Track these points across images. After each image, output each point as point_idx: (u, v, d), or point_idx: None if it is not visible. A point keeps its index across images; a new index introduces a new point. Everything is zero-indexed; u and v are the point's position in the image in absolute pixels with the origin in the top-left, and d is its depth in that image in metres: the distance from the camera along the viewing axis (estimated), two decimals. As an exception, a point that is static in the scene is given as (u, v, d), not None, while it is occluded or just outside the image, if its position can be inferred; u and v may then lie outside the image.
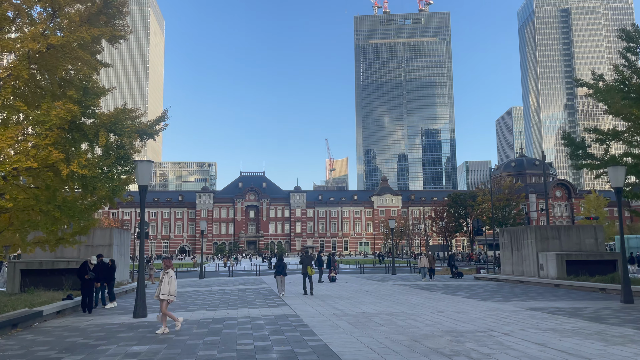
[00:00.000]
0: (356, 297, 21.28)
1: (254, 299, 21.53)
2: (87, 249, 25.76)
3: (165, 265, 13.30)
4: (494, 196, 72.06)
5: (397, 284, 30.12)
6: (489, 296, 21.19)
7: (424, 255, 33.40)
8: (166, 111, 17.34)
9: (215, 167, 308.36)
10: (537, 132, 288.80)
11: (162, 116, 17.13)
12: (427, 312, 15.57)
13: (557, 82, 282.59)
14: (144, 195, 15.61)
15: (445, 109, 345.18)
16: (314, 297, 21.61)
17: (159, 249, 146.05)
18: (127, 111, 15.72)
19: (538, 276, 28.79)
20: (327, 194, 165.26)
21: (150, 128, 16.84)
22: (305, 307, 17.99)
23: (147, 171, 15.46)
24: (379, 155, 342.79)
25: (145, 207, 15.91)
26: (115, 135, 14.90)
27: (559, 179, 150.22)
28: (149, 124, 16.95)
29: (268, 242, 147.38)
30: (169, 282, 13.03)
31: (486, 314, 14.87)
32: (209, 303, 20.14)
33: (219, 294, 24.47)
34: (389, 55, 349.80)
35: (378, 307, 17.52)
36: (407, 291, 24.32)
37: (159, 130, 17.59)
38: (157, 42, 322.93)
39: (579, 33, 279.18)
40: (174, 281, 13.15)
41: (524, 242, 30.28)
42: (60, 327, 14.37)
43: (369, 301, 19.60)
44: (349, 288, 26.94)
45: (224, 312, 16.74)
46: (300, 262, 26.65)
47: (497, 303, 18.21)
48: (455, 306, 17.32)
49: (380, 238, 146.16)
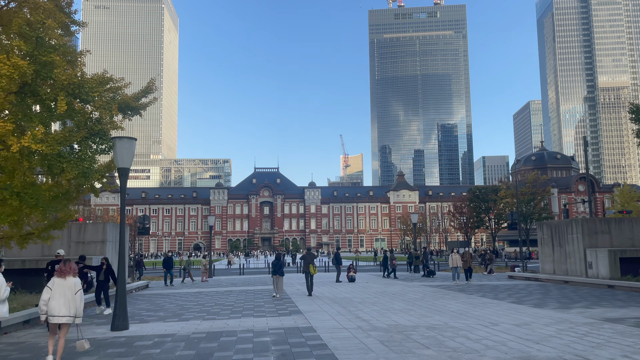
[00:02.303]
0: (382, 302, 18.17)
1: (262, 304, 18.54)
2: (78, 246, 22.96)
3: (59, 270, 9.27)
4: (518, 190, 68.47)
5: (424, 284, 26.95)
6: (540, 301, 17.92)
7: (456, 253, 28.09)
8: (153, 81, 14.39)
9: (230, 163, 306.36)
10: (557, 126, 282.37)
11: (148, 87, 14.16)
12: (477, 325, 12.40)
13: (577, 74, 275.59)
14: (124, 181, 12.60)
15: (461, 103, 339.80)
16: (333, 303, 18.40)
17: (174, 246, 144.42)
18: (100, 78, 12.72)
19: (586, 275, 25.43)
20: (342, 189, 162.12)
21: (136, 101, 13.87)
22: (323, 315, 14.93)
23: (127, 151, 12.44)
24: (395, 151, 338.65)
25: (125, 195, 12.89)
26: (83, 103, 11.89)
27: (581, 173, 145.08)
28: (134, 96, 13.97)
29: (283, 239, 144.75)
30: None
31: (557, 329, 11.63)
32: (209, 309, 17.19)
33: (223, 297, 21.51)
34: (404, 50, 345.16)
35: (412, 316, 14.39)
36: (440, 294, 21.12)
37: (147, 105, 14.61)
38: (171, 39, 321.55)
39: (600, 24, 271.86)
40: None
41: (568, 237, 26.87)
42: (14, 344, 11.46)
43: (399, 308, 16.48)
44: (372, 290, 23.80)
45: (223, 323, 13.73)
46: (301, 259, 23.69)
47: (558, 311, 14.93)
48: (508, 316, 14.09)
49: (397, 234, 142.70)
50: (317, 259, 28.10)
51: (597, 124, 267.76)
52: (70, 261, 9.46)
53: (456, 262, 27.47)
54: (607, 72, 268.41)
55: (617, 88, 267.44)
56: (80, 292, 9.14)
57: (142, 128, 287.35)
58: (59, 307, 8.86)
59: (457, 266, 27.39)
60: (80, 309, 9.07)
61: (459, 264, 27.42)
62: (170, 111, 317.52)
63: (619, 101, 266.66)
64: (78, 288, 9.11)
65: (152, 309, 17.56)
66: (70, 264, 9.27)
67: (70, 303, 8.94)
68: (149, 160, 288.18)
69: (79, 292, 9.11)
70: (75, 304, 8.98)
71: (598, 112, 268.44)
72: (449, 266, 28.66)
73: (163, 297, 22.47)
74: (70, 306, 8.93)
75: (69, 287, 9.02)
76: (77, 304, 9.00)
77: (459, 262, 27.46)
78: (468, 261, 27.73)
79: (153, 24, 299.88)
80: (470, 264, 27.98)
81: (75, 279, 9.17)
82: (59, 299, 8.90)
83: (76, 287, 9.08)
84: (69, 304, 8.93)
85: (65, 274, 9.09)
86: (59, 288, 8.97)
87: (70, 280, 9.08)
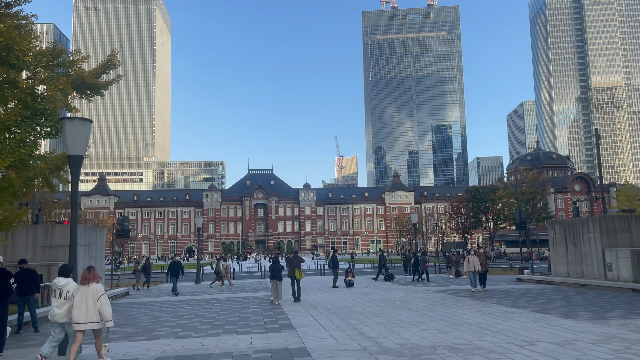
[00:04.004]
0: (387, 312, 15.91)
1: (248, 315, 16.25)
2: (45, 250, 20.61)
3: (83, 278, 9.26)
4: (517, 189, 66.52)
5: (428, 289, 24.72)
6: (567, 309, 15.67)
7: (473, 255, 23.78)
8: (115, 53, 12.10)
9: (224, 166, 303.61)
10: (550, 127, 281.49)
11: (109, 61, 11.93)
12: (509, 345, 10.11)
13: (570, 74, 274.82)
14: (76, 171, 10.20)
15: (455, 104, 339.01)
16: (330, 314, 16.07)
17: (166, 250, 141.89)
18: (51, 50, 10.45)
19: (605, 278, 23.30)
20: (337, 191, 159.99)
21: (94, 78, 11.59)
22: (319, 331, 12.63)
23: (80, 135, 10.06)
24: (389, 153, 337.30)
25: (77, 190, 10.49)
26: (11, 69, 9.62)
27: (577, 173, 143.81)
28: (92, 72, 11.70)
29: (277, 241, 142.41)
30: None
31: (610, 349, 9.30)
32: (186, 323, 14.85)
33: (207, 307, 19.15)
34: (397, 51, 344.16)
35: (426, 331, 12.11)
36: (450, 301, 18.87)
37: (109, 84, 12.34)
38: (163, 40, 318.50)
39: (593, 24, 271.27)
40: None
41: (584, 237, 24.72)
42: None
43: (407, 319, 14.21)
44: (373, 296, 21.52)
45: (198, 343, 11.41)
46: (287, 264, 21.57)
47: (596, 323, 12.59)
48: (541, 330, 11.81)
49: (393, 235, 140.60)
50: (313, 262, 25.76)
51: (591, 124, 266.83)
52: (94, 268, 9.56)
53: (473, 266, 23.40)
54: (601, 73, 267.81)
55: (610, 88, 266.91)
56: (103, 296, 9.29)
57: (134, 130, 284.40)
58: (82, 314, 9.04)
59: (475, 270, 23.40)
60: (107, 312, 9.23)
61: (477, 268, 23.40)
62: (163, 113, 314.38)
63: (612, 101, 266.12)
64: (100, 293, 9.27)
65: (120, 323, 15.19)
66: (94, 271, 9.43)
67: (92, 309, 9.08)
68: (142, 163, 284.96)
69: (102, 296, 9.26)
70: (99, 309, 9.14)
71: (591, 113, 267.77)
72: (464, 270, 24.60)
73: (140, 307, 20.14)
74: (92, 312, 9.08)
75: (91, 294, 9.16)
76: (102, 308, 9.16)
77: (477, 266, 23.40)
78: (484, 264, 23.90)
79: (145, 26, 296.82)
80: (487, 267, 24.21)
81: (98, 285, 9.34)
82: (81, 306, 9.07)
83: (98, 293, 9.24)
84: (92, 310, 9.08)
85: (88, 281, 9.23)
86: (82, 296, 9.14)
87: (94, 286, 9.24)
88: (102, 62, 11.87)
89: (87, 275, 9.27)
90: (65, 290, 9.36)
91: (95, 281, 9.27)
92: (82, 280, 9.29)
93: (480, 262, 23.56)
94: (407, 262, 37.38)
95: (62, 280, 9.55)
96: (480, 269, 23.47)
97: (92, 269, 9.43)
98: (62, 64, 11.03)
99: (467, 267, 23.67)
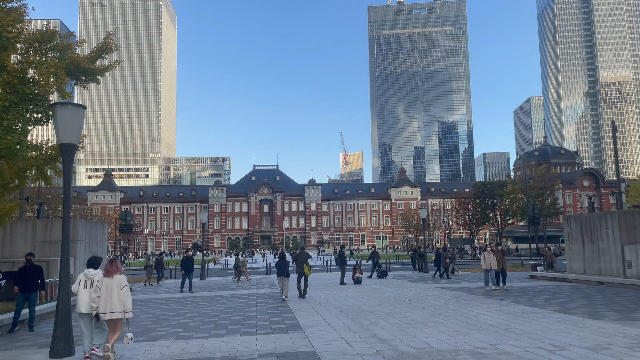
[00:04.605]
0: (399, 312, 15.09)
1: (253, 314, 15.50)
2: (44, 245, 19.94)
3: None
4: (526, 184, 65.66)
5: (440, 286, 23.94)
6: (591, 309, 14.83)
7: (490, 252, 22.05)
8: (111, 35, 11.33)
9: (230, 162, 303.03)
10: (557, 122, 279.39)
11: (105, 45, 11.17)
12: (538, 350, 9.24)
13: (578, 69, 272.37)
14: (68, 161, 9.41)
15: (461, 100, 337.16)
16: (339, 313, 15.30)
17: (172, 245, 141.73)
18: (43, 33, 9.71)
19: (624, 275, 22.43)
20: (342, 186, 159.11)
21: (90, 63, 10.85)
22: (329, 332, 11.85)
23: (72, 121, 9.28)
24: (395, 149, 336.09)
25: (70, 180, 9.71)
26: (3, 52, 8.89)
27: (586, 168, 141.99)
28: (88, 57, 10.95)
29: (283, 237, 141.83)
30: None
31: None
32: (188, 323, 14.11)
33: (210, 305, 18.45)
34: (403, 46, 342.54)
35: (444, 333, 11.28)
36: (464, 299, 18.06)
37: (105, 69, 11.59)
38: (169, 36, 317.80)
39: (601, 18, 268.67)
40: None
41: (602, 233, 23.84)
42: None
43: (421, 319, 13.41)
44: (383, 294, 20.73)
45: (199, 345, 10.65)
46: (294, 260, 20.75)
47: (626, 324, 11.75)
48: (569, 333, 10.92)
49: (399, 231, 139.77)
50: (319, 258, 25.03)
51: (599, 120, 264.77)
52: (116, 260, 9.88)
53: (490, 263, 21.79)
54: (609, 67, 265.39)
55: (618, 83, 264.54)
56: (125, 287, 9.65)
57: (140, 126, 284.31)
58: (108, 304, 9.43)
59: (491, 268, 21.81)
60: (128, 303, 9.60)
61: (494, 266, 21.80)
62: (169, 109, 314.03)
63: (620, 96, 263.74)
64: (123, 284, 9.64)
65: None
66: (116, 263, 9.77)
67: (116, 300, 9.46)
68: (148, 158, 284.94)
69: (124, 288, 9.63)
70: (122, 299, 9.50)
71: (600, 108, 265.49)
72: (482, 267, 22.58)
73: (142, 304, 19.44)
74: (116, 303, 9.45)
75: (115, 285, 9.56)
76: (124, 299, 9.54)
77: (494, 263, 21.81)
78: (502, 261, 22.16)
79: (151, 21, 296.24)
80: (504, 265, 22.35)
81: (121, 277, 9.72)
82: (106, 297, 9.47)
83: (121, 284, 9.62)
84: (116, 300, 9.45)
85: (112, 273, 9.60)
86: (107, 287, 9.53)
87: (117, 278, 9.63)
88: (97, 45, 11.12)
89: (110, 268, 9.65)
90: (95, 280, 9.80)
91: (118, 273, 9.68)
92: (105, 273, 9.68)
93: (498, 259, 22.07)
94: (415, 258, 36.60)
95: (92, 271, 9.97)
96: (497, 267, 21.93)
97: (115, 261, 9.81)
98: (55, 47, 10.29)
99: (484, 264, 22.02)
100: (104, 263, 11.36)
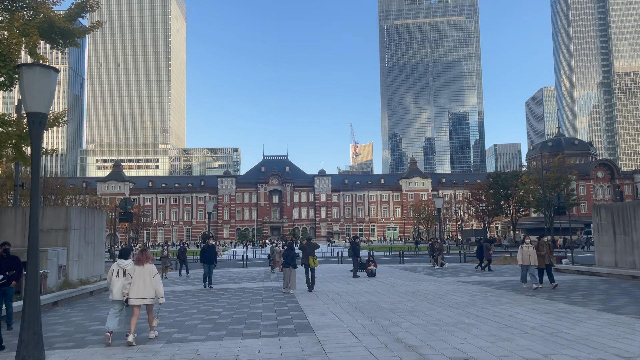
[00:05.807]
0: (422, 310, 13.58)
1: (259, 312, 14.06)
2: (38, 235, 18.76)
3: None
4: (540, 175, 63.86)
5: (459, 280, 22.50)
6: (638, 308, 13.27)
7: (528, 244, 18.65)
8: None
9: (239, 152, 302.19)
10: (570, 113, 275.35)
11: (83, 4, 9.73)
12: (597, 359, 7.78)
13: (592, 59, 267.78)
14: (36, 133, 7.81)
15: (473, 90, 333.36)
16: (354, 310, 13.79)
17: (181, 236, 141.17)
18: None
19: (658, 269, 20.89)
20: (352, 177, 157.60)
21: (66, 22, 9.47)
22: (344, 335, 10.30)
23: (42, 87, 7.64)
24: (405, 140, 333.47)
25: (40, 155, 8.30)
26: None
27: (601, 159, 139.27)
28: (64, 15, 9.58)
29: (292, 228, 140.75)
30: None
31: None
32: (184, 321, 12.76)
33: (212, 300, 17.13)
34: (414, 36, 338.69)
35: (480, 338, 9.61)
36: (492, 295, 16.54)
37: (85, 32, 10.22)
38: (178, 27, 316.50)
39: (616, 7, 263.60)
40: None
41: (636, 223, 22.18)
42: None
43: (450, 320, 11.85)
44: (400, 288, 19.28)
45: (192, 351, 9.22)
46: (300, 250, 19.51)
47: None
48: (631, 339, 9.30)
49: (410, 223, 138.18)
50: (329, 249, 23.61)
51: (613, 110, 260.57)
52: (147, 250, 10.56)
53: (529, 259, 18.51)
54: (624, 57, 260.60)
55: (634, 73, 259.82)
56: (157, 275, 10.41)
57: (150, 117, 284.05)
58: (140, 291, 10.12)
59: (530, 264, 18.52)
60: (160, 289, 10.37)
61: (533, 261, 18.48)
62: (179, 100, 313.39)
63: (635, 86, 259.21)
64: (154, 273, 10.40)
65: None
66: (147, 252, 10.44)
67: (149, 286, 10.21)
68: (158, 149, 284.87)
69: (156, 275, 10.38)
70: (154, 286, 10.26)
71: (614, 98, 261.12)
72: (518, 262, 18.88)
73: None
74: (149, 289, 10.20)
75: (148, 272, 10.31)
76: (156, 286, 10.29)
77: (533, 258, 18.49)
78: (547, 256, 18.95)
79: (160, 12, 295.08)
80: (551, 259, 19.15)
81: (152, 266, 10.47)
82: (139, 283, 10.14)
83: (152, 272, 10.38)
84: (148, 287, 10.20)
85: (143, 262, 10.30)
86: (139, 274, 10.22)
87: (148, 266, 10.36)
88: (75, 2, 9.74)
89: (141, 257, 10.33)
90: (128, 269, 10.34)
91: (148, 262, 10.36)
92: (137, 261, 10.31)
93: (543, 253, 18.90)
94: (432, 250, 35.12)
95: (124, 261, 10.57)
96: (537, 262, 18.65)
97: (145, 251, 10.46)
98: (28, 5, 8.94)
99: (521, 259, 18.76)
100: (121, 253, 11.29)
